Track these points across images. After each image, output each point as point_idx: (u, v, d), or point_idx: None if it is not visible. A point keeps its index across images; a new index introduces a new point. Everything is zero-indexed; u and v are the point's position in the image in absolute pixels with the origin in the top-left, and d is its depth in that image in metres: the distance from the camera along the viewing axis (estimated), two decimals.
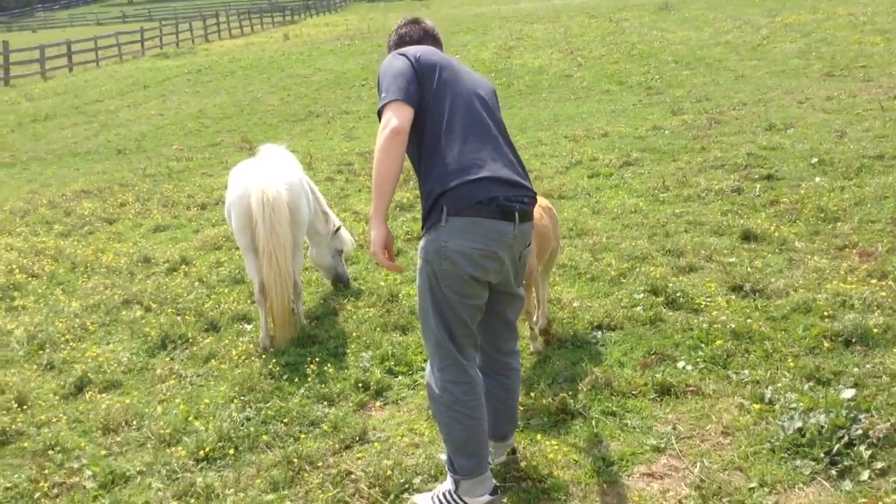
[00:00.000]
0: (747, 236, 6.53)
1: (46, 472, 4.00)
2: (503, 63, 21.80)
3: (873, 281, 5.30)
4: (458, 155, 3.20)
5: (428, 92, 3.29)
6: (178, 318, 6.02)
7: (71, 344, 5.77)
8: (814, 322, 4.79)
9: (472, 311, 3.26)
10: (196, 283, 6.85)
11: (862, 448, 3.42)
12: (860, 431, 3.50)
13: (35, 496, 3.86)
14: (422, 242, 3.25)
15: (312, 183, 6.15)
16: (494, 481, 3.42)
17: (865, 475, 3.31)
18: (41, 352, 5.69)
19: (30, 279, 7.41)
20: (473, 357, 3.35)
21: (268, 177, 5.15)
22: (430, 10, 56.02)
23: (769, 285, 5.43)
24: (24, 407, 4.81)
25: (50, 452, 4.24)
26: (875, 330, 4.49)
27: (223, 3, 69.31)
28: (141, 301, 6.50)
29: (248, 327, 5.80)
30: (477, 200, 3.13)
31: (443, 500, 3.40)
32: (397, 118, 3.16)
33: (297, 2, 67.11)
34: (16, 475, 4.07)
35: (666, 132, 11.23)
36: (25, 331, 6.03)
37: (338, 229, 6.19)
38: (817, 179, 7.90)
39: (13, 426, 4.56)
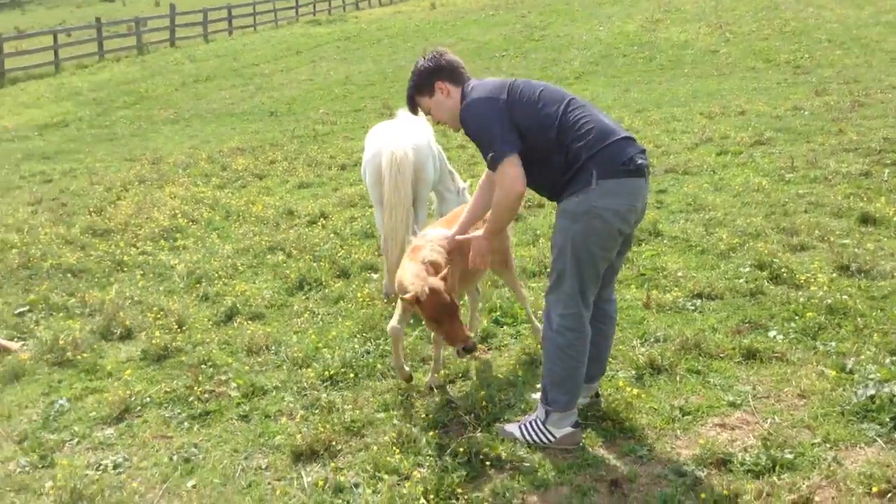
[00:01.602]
0: (866, 219, 6.53)
1: (200, 380, 4.74)
2: (647, 36, 21.57)
3: None
4: (589, 123, 3.63)
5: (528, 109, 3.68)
6: (315, 264, 6.70)
7: (223, 280, 6.57)
8: None
9: (606, 263, 3.74)
10: (332, 235, 7.54)
11: None
12: None
13: (189, 399, 4.61)
14: (566, 205, 3.65)
15: (439, 147, 6.66)
16: (578, 418, 3.85)
17: None
18: (198, 285, 6.51)
19: (190, 224, 8.33)
20: (591, 308, 3.80)
21: (398, 139, 5.69)
22: None
23: (876, 267, 5.51)
24: (183, 329, 5.61)
25: (202, 366, 4.98)
26: None
27: None
28: (284, 248, 7.24)
29: (375, 276, 6.41)
30: (621, 162, 3.56)
31: (531, 428, 3.87)
32: (521, 182, 3.62)
33: None
34: (175, 382, 4.84)
35: (805, 113, 11.03)
36: (185, 267, 6.89)
37: (465, 188, 6.70)
38: None
39: (174, 343, 5.35)
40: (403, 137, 5.72)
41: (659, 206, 7.55)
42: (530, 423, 3.90)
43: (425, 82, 3.89)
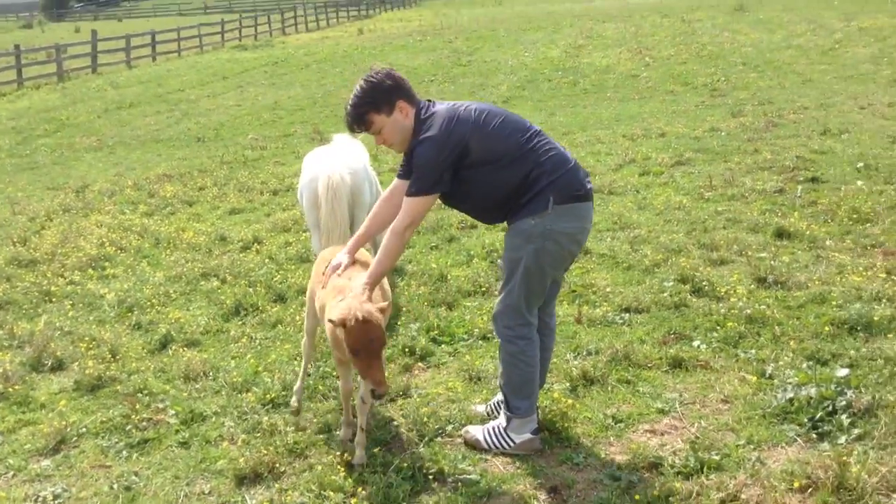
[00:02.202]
0: (781, 234, 6.89)
1: (137, 408, 4.71)
2: (571, 61, 22.16)
3: (892, 277, 5.64)
4: (550, 151, 3.84)
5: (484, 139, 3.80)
6: (250, 289, 6.70)
7: (156, 308, 6.51)
8: (825, 311, 5.18)
9: (552, 279, 3.97)
10: (267, 260, 7.54)
11: (843, 417, 3.86)
12: (844, 403, 3.93)
13: (127, 428, 4.57)
14: (521, 225, 3.82)
15: (374, 172, 6.77)
16: (538, 424, 4.03)
17: (843, 439, 3.75)
18: (130, 314, 6.43)
19: (118, 252, 8.21)
20: (536, 317, 4.01)
21: (335, 163, 5.79)
22: (502, 7, 56.41)
23: (791, 278, 5.82)
24: (116, 358, 5.55)
25: (139, 395, 4.94)
26: (878, 319, 4.88)
27: None
28: (217, 274, 7.20)
29: None
30: (575, 189, 3.80)
31: (493, 434, 4.05)
32: (419, 221, 3.90)
33: None
34: (110, 411, 4.79)
35: (722, 133, 11.51)
36: (116, 295, 6.80)
37: None
38: (859, 183, 8.17)
39: (108, 373, 5.29)
40: (340, 162, 5.81)
41: None
42: (492, 429, 4.06)
43: (385, 99, 3.83)
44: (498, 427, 4.07)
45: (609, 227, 7.66)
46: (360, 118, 3.86)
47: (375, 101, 3.82)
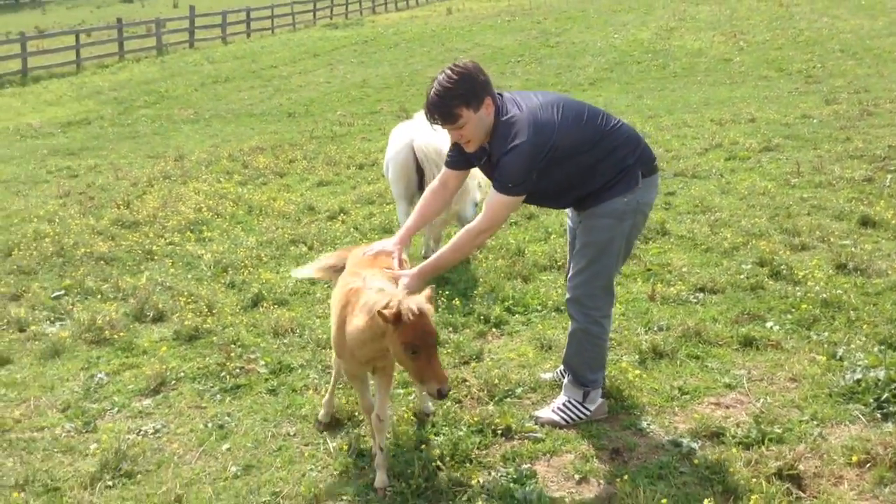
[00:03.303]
0: (865, 222, 6.80)
1: (231, 356, 5.07)
2: (661, 44, 21.85)
3: None
4: (624, 129, 3.94)
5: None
6: None
7: (249, 269, 6.90)
8: None
9: None
10: (352, 230, 7.87)
11: None
12: None
13: (221, 374, 4.94)
14: (611, 205, 3.83)
15: None
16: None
17: None
18: (225, 273, 6.84)
19: (215, 217, 8.67)
20: None
21: (424, 135, 6.02)
22: None
23: (872, 266, 5.78)
24: (213, 312, 5.94)
25: (232, 346, 5.31)
26: None
27: None
28: (305, 241, 7.56)
29: None
30: (653, 160, 3.96)
31: (568, 409, 4.14)
32: (502, 221, 3.93)
33: None
34: (206, 359, 5.17)
35: (814, 121, 11.28)
36: (212, 256, 7.23)
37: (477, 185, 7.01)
38: None
39: (204, 325, 5.68)
40: (429, 133, 6.04)
41: (667, 207, 7.83)
42: (564, 405, 4.17)
43: (476, 94, 3.64)
44: (571, 401, 4.15)
45: (690, 210, 7.68)
46: (448, 112, 3.63)
47: (466, 95, 3.62)
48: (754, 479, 3.45)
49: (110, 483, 3.87)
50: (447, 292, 5.92)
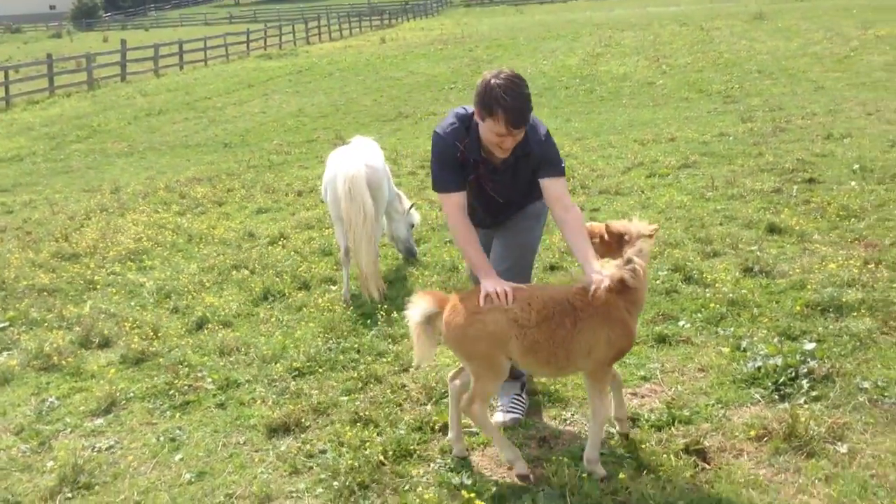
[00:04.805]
0: (773, 229, 7.36)
1: (179, 375, 5.29)
2: (588, 69, 22.66)
3: (868, 265, 6.11)
4: None
5: None
6: (277, 278, 7.27)
7: (192, 294, 7.10)
8: (802, 295, 5.67)
9: None
10: (292, 253, 8.13)
11: (804, 382, 4.35)
12: (805, 370, 4.42)
13: (170, 392, 5.15)
14: (533, 209, 4.40)
15: (389, 170, 7.34)
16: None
17: (801, 400, 4.24)
18: (168, 299, 7.03)
19: (155, 246, 8.83)
20: None
21: (356, 160, 6.35)
22: (523, 16, 57.03)
23: (776, 268, 6.30)
24: (158, 335, 6.14)
25: (180, 366, 5.52)
26: (848, 301, 5.35)
27: (325, 7, 72.05)
28: (247, 265, 7.79)
29: (334, 288, 7.01)
30: None
31: (517, 402, 4.49)
32: None
33: (395, 5, 69.16)
34: (155, 380, 5.37)
35: (730, 138, 11.96)
36: (154, 284, 7.41)
37: (411, 207, 7.36)
38: (852, 184, 8.62)
39: (150, 348, 5.88)
40: (360, 159, 6.38)
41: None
42: (511, 401, 4.49)
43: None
44: (514, 396, 4.49)
45: None
46: (527, 116, 3.87)
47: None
48: (664, 455, 3.84)
49: (70, 495, 4.06)
50: (386, 307, 6.23)
